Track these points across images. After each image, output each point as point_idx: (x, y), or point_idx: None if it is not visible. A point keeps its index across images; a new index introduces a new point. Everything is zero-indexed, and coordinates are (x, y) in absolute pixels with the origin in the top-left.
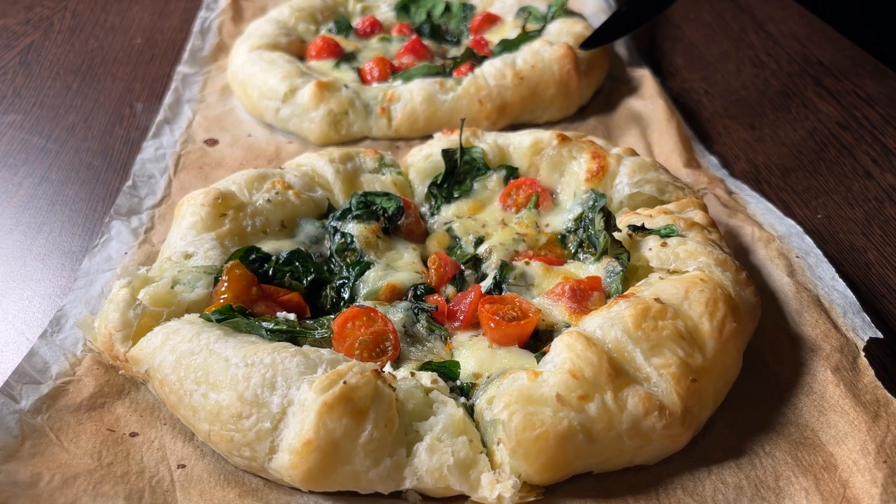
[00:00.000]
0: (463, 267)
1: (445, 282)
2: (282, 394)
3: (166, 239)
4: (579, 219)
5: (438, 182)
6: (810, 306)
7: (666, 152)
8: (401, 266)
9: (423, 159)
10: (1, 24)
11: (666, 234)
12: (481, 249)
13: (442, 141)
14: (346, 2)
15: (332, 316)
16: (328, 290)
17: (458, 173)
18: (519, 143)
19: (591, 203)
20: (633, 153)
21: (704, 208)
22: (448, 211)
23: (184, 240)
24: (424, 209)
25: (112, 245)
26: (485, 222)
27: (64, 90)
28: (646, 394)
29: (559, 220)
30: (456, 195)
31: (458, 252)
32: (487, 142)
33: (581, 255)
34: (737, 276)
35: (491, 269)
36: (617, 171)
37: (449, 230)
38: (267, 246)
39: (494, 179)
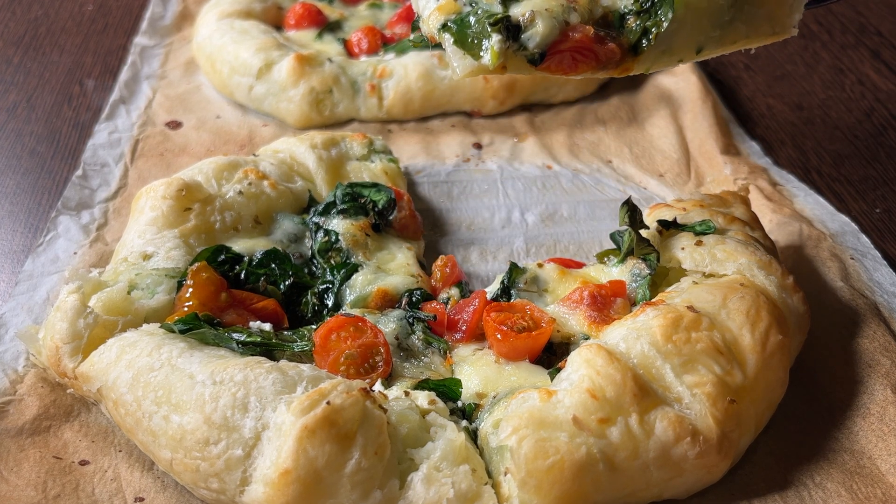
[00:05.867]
0: (491, 30)
1: (448, 285)
2: (255, 416)
3: (122, 237)
4: None
5: None
6: (867, 315)
7: (700, 137)
8: (393, 269)
9: None
10: None
11: (701, 230)
12: (517, 10)
13: None
14: None
15: (314, 326)
16: (309, 297)
17: None
18: None
19: None
20: None
21: (747, 201)
22: None
23: (142, 238)
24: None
25: (59, 244)
26: None
27: (3, 65)
28: (676, 417)
29: None
30: None
31: (476, 13)
32: None
33: (643, 44)
34: (782, 280)
35: (534, 41)
36: None
37: None
38: (238, 245)
39: None
